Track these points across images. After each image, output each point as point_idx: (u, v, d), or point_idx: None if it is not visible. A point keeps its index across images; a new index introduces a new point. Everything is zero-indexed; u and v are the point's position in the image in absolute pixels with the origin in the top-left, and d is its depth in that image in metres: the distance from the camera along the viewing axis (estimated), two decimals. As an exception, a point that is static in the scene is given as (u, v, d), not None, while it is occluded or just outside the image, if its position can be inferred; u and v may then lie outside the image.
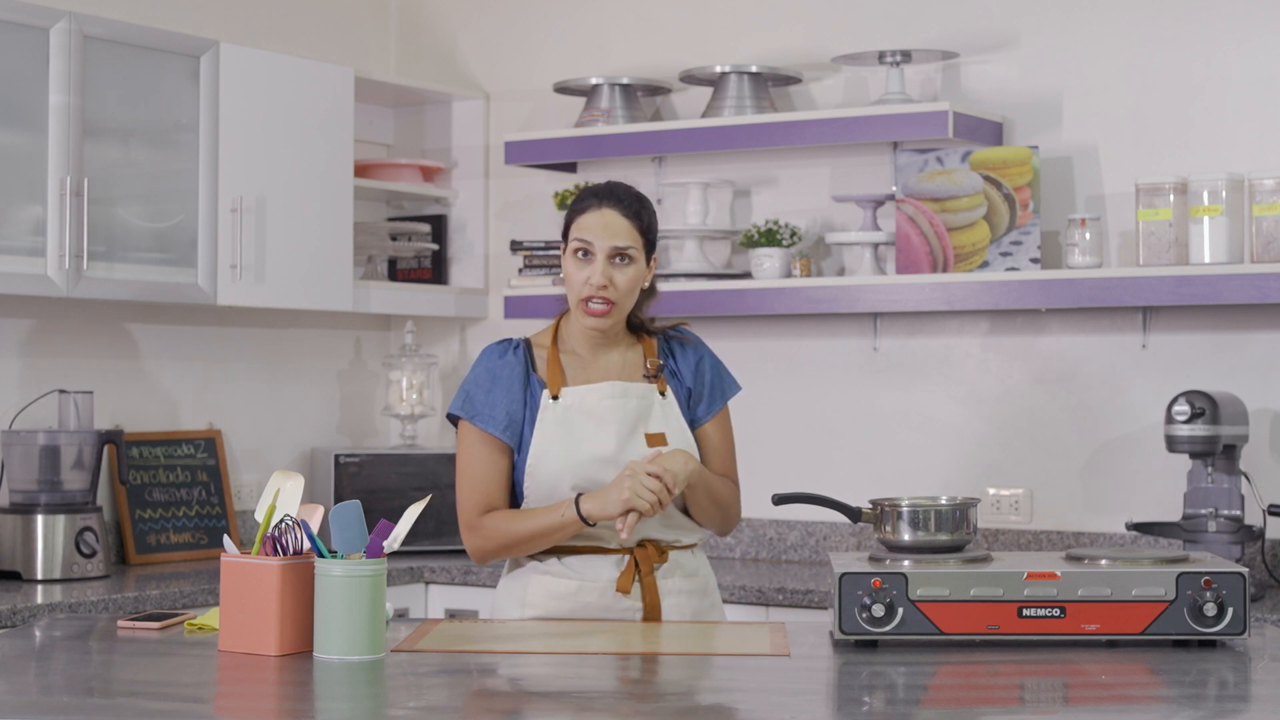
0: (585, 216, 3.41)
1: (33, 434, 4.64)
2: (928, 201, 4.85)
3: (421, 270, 5.73)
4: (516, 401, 3.43)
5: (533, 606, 3.42)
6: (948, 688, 2.83)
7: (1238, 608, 3.01)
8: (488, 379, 3.45)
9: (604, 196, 3.42)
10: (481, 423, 3.42)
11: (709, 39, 5.35)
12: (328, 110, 5.13)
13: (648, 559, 3.40)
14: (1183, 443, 4.36)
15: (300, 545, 2.96)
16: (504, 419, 3.42)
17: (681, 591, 3.44)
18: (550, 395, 3.42)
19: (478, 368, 3.48)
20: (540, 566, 3.43)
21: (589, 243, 3.38)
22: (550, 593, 3.41)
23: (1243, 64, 4.67)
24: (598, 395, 3.42)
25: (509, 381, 3.44)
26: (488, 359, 3.48)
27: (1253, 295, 4.41)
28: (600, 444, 3.39)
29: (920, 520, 3.22)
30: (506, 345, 3.49)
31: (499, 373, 3.45)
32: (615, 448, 3.39)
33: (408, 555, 5.14)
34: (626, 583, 3.38)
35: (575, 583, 3.40)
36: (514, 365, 3.45)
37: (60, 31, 4.46)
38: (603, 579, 3.40)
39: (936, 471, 5.00)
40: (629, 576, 3.38)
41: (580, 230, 3.40)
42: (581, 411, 3.41)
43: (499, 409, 3.42)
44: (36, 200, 4.43)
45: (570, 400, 3.42)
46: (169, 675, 2.88)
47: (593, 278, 3.38)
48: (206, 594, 4.45)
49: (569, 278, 3.42)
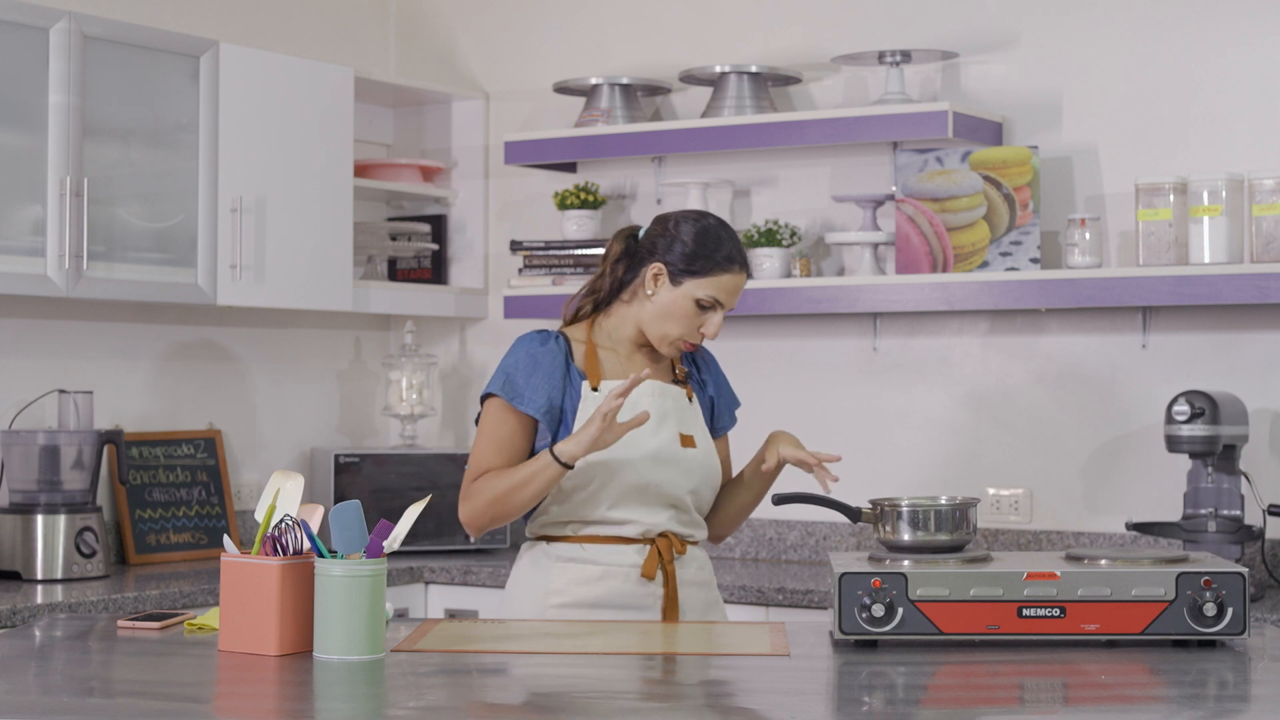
0: (727, 277, 3.49)
1: (33, 434, 4.64)
2: (928, 201, 4.85)
3: (421, 270, 5.73)
4: (557, 388, 3.49)
5: (558, 594, 3.48)
6: (948, 688, 2.83)
7: (1237, 608, 3.01)
8: (529, 363, 3.49)
9: (743, 263, 3.52)
10: (521, 404, 3.46)
11: (709, 39, 5.35)
12: (327, 110, 5.14)
13: (669, 548, 3.49)
14: (1183, 443, 4.36)
15: (300, 545, 2.96)
16: (544, 403, 3.47)
17: (694, 583, 3.54)
18: (591, 386, 3.49)
19: (517, 353, 3.52)
20: (565, 554, 3.49)
21: (721, 303, 3.49)
22: (575, 579, 3.48)
23: (1243, 64, 4.67)
24: (638, 391, 3.49)
25: (550, 368, 3.49)
26: (528, 345, 3.52)
27: (1253, 295, 4.41)
28: (639, 437, 3.46)
29: (920, 520, 3.22)
30: (546, 334, 3.54)
31: (540, 359, 3.50)
32: (655, 442, 3.48)
33: (408, 555, 5.14)
34: (652, 569, 3.46)
35: (600, 569, 3.47)
36: (555, 353, 3.51)
37: (60, 31, 4.46)
38: (625, 565, 3.47)
39: (936, 471, 5.00)
40: (653, 562, 3.47)
41: (718, 289, 3.48)
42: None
43: (540, 393, 3.47)
44: (36, 200, 4.43)
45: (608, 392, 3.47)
46: (169, 675, 2.88)
47: (709, 330, 3.50)
48: (206, 594, 4.45)
49: (676, 313, 3.49)
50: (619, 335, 3.56)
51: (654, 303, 3.50)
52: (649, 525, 3.49)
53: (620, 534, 3.49)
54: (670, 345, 3.52)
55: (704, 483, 3.56)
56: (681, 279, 3.48)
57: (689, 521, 3.55)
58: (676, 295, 3.49)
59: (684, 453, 3.51)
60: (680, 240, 3.49)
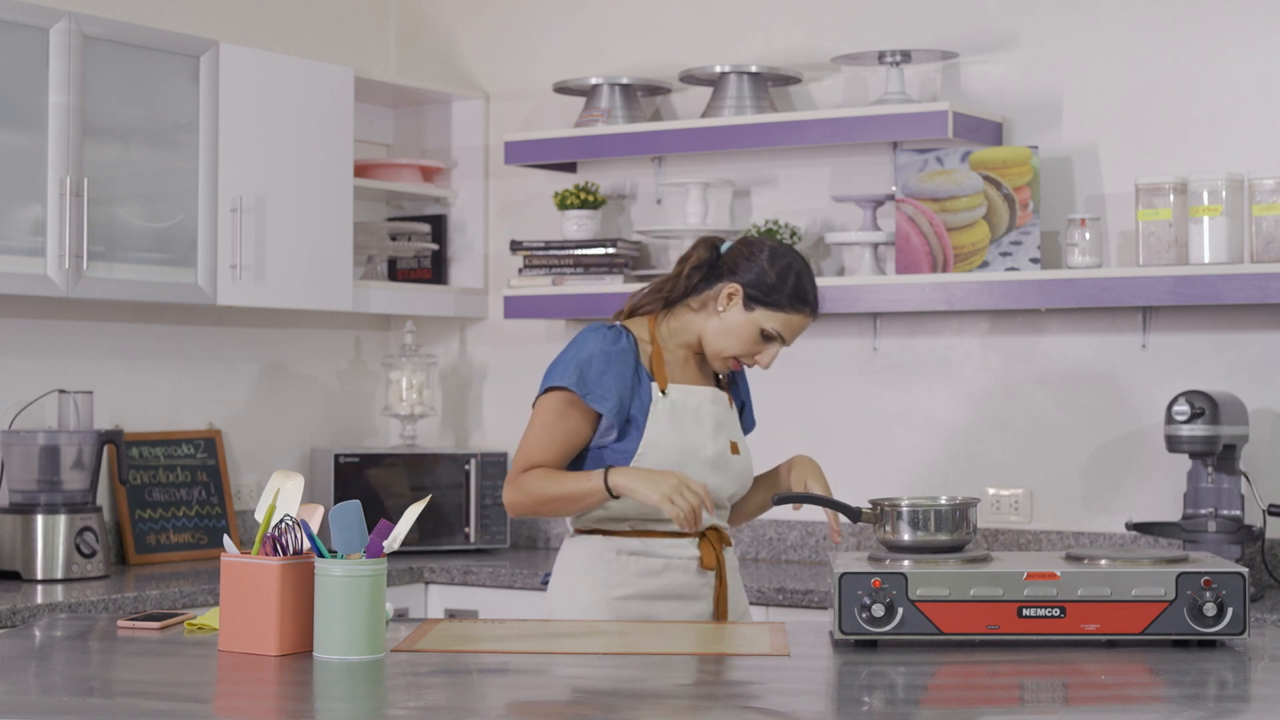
0: (797, 318, 3.60)
1: (33, 434, 4.64)
2: (928, 201, 4.85)
3: (421, 270, 5.73)
4: (628, 388, 3.54)
5: (622, 586, 3.57)
6: (948, 688, 2.83)
7: (1237, 608, 3.01)
8: (602, 360, 3.54)
9: (815, 307, 3.61)
10: (593, 401, 3.52)
11: (709, 39, 5.35)
12: (327, 110, 5.14)
13: (720, 541, 3.63)
14: (1183, 443, 4.36)
15: (300, 545, 2.96)
16: (615, 402, 3.53)
17: (733, 570, 3.68)
18: (659, 389, 3.56)
19: (590, 347, 3.55)
20: (628, 548, 3.58)
21: (784, 338, 3.58)
22: (640, 571, 3.57)
23: (1243, 64, 4.67)
24: (700, 398, 3.61)
25: (622, 367, 3.54)
26: (600, 341, 3.56)
27: (1253, 295, 4.41)
28: (701, 444, 3.58)
29: (920, 520, 3.22)
30: (617, 332, 3.59)
31: (613, 357, 3.55)
32: (713, 449, 3.59)
33: (408, 555, 5.14)
34: (711, 559, 3.59)
35: (663, 561, 3.57)
36: (627, 352, 3.56)
37: (60, 31, 4.46)
38: (684, 557, 3.58)
39: (936, 471, 5.00)
40: (711, 555, 3.59)
41: (785, 325, 3.58)
42: (685, 410, 3.58)
43: (611, 391, 3.53)
44: (36, 200, 4.43)
45: (675, 397, 3.58)
46: (169, 675, 2.88)
47: (764, 359, 3.59)
48: (206, 594, 4.45)
49: (741, 338, 3.57)
50: (678, 339, 3.63)
51: (721, 319, 3.58)
52: (703, 524, 3.59)
53: (676, 529, 3.57)
54: (723, 362, 3.61)
55: (742, 487, 3.69)
56: (754, 305, 3.56)
57: (725, 517, 3.70)
58: (745, 319, 3.57)
59: (733, 459, 3.64)
60: (763, 269, 3.57)
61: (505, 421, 5.65)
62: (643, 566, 3.56)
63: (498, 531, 5.34)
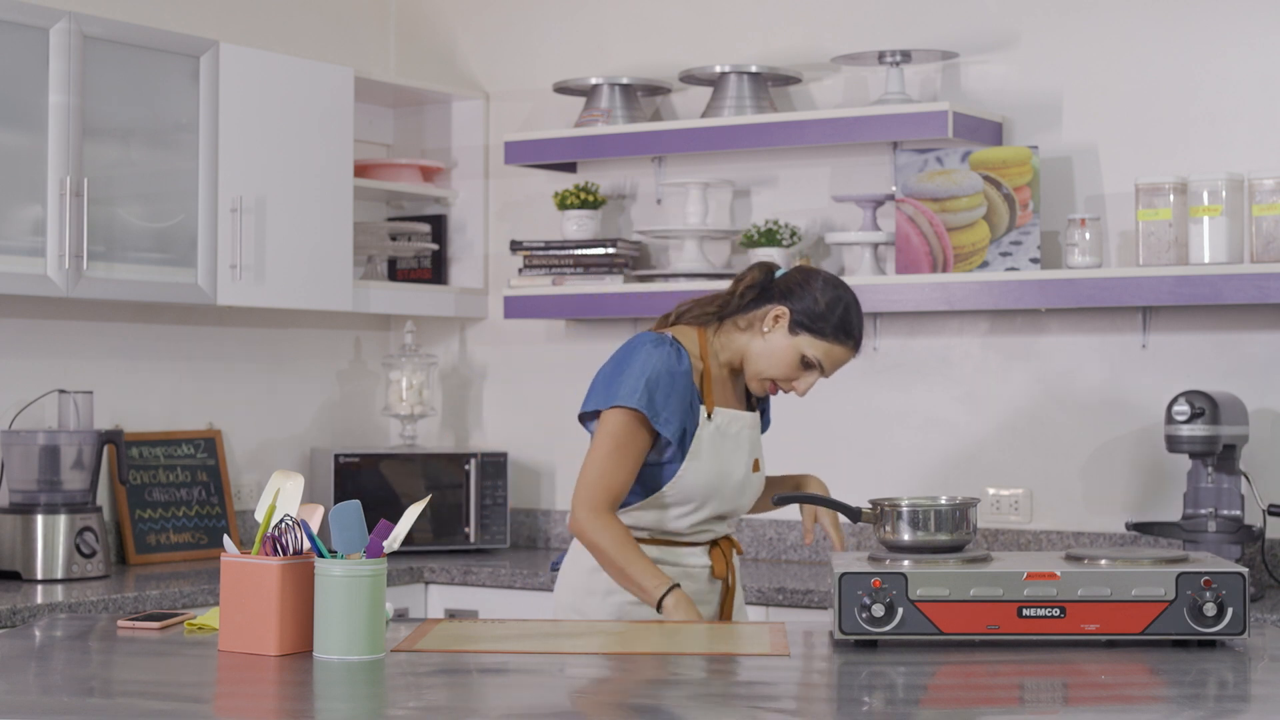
0: (840, 349, 3.60)
1: (33, 434, 4.64)
2: (927, 201, 4.85)
3: (421, 270, 5.73)
4: (688, 412, 3.57)
5: None
6: (948, 688, 2.83)
7: (1237, 608, 3.01)
8: (669, 382, 3.55)
9: (858, 342, 3.62)
10: (660, 425, 3.53)
11: (709, 39, 5.35)
12: (327, 110, 5.14)
13: (731, 549, 3.69)
14: (1183, 443, 4.36)
15: (300, 545, 2.96)
16: (678, 426, 3.56)
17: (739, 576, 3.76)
18: (707, 414, 3.59)
19: (656, 365, 3.54)
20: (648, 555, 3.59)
21: (825, 369, 3.60)
22: None
23: (1243, 64, 4.67)
24: (741, 423, 3.66)
25: (684, 391, 3.57)
26: (666, 360, 3.55)
27: (1253, 295, 4.41)
28: (737, 468, 3.63)
29: (920, 520, 3.22)
30: (678, 350, 3.58)
31: (677, 380, 3.56)
32: (744, 473, 3.64)
33: (408, 555, 5.14)
34: (723, 569, 3.64)
35: (680, 569, 3.61)
36: (688, 376, 3.57)
37: (60, 31, 4.46)
38: (698, 566, 3.64)
39: (936, 471, 5.00)
40: (723, 564, 3.64)
41: (827, 355, 3.58)
42: (727, 435, 3.62)
43: (675, 416, 3.55)
44: (36, 200, 4.43)
45: (720, 422, 3.62)
46: (169, 675, 2.88)
47: (801, 387, 3.61)
48: (206, 594, 4.45)
49: (782, 362, 3.58)
50: (722, 356, 3.65)
51: (765, 341, 3.59)
52: (716, 533, 3.68)
53: (693, 539, 3.64)
54: (759, 384, 3.63)
55: (755, 498, 3.75)
56: (799, 331, 3.57)
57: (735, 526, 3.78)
58: (788, 344, 3.58)
59: (753, 478, 3.69)
60: (814, 298, 3.57)
61: (505, 421, 5.65)
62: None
63: (498, 531, 5.34)
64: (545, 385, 5.57)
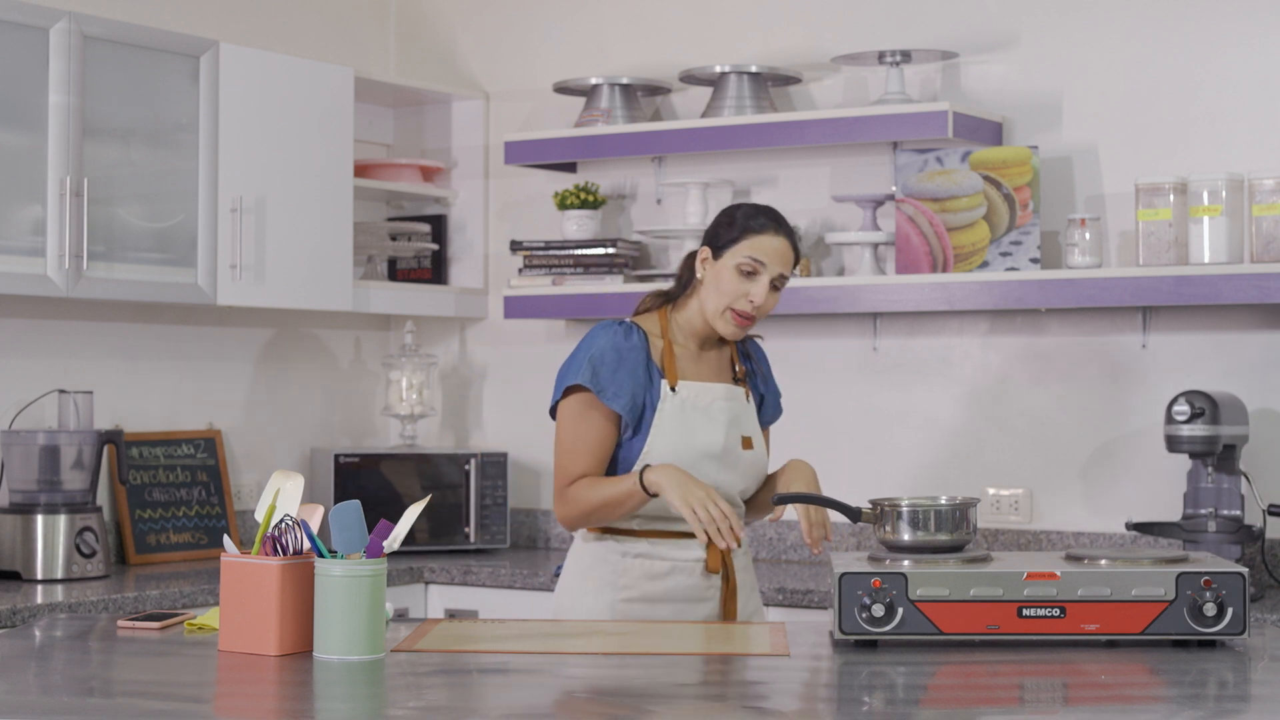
0: (763, 239, 3.56)
1: (33, 434, 4.64)
2: (927, 201, 4.85)
3: (421, 270, 5.73)
4: (640, 385, 3.56)
5: (628, 589, 3.57)
6: (948, 688, 2.83)
7: (1237, 608, 3.01)
8: (614, 357, 3.56)
9: (780, 224, 3.59)
10: (608, 399, 3.53)
11: (709, 39, 5.35)
12: (327, 110, 5.14)
13: None
14: (1183, 443, 4.36)
15: (300, 545, 2.96)
16: (628, 399, 3.54)
17: (743, 569, 3.67)
18: (669, 386, 3.56)
19: (601, 344, 3.57)
20: (634, 550, 3.58)
21: (762, 264, 3.55)
22: (646, 574, 3.57)
23: (1243, 64, 4.67)
24: (711, 394, 3.61)
25: (634, 364, 3.56)
26: (612, 337, 3.58)
27: (1253, 295, 4.41)
28: (711, 441, 3.57)
29: (920, 520, 3.22)
30: (629, 328, 3.60)
31: (625, 354, 3.56)
32: (722, 446, 3.58)
33: (408, 555, 5.14)
34: (717, 563, 3.57)
35: (669, 564, 3.57)
36: (638, 349, 3.57)
37: (60, 31, 4.46)
38: (690, 560, 3.57)
39: (936, 471, 5.00)
40: (718, 558, 3.57)
41: (757, 250, 3.55)
42: (696, 407, 3.58)
43: (624, 388, 3.54)
44: (36, 200, 4.43)
45: (685, 394, 3.58)
46: (169, 675, 2.88)
47: (755, 296, 3.55)
48: (206, 594, 4.45)
49: (723, 286, 3.56)
50: (688, 329, 3.63)
51: (705, 283, 3.60)
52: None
53: (684, 529, 3.56)
54: (723, 320, 3.58)
55: (755, 481, 3.68)
56: (720, 253, 3.58)
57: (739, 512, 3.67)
58: (719, 268, 3.58)
59: (744, 454, 3.63)
60: (716, 221, 3.62)
61: (505, 421, 5.65)
62: (647, 569, 3.56)
63: (498, 531, 5.34)
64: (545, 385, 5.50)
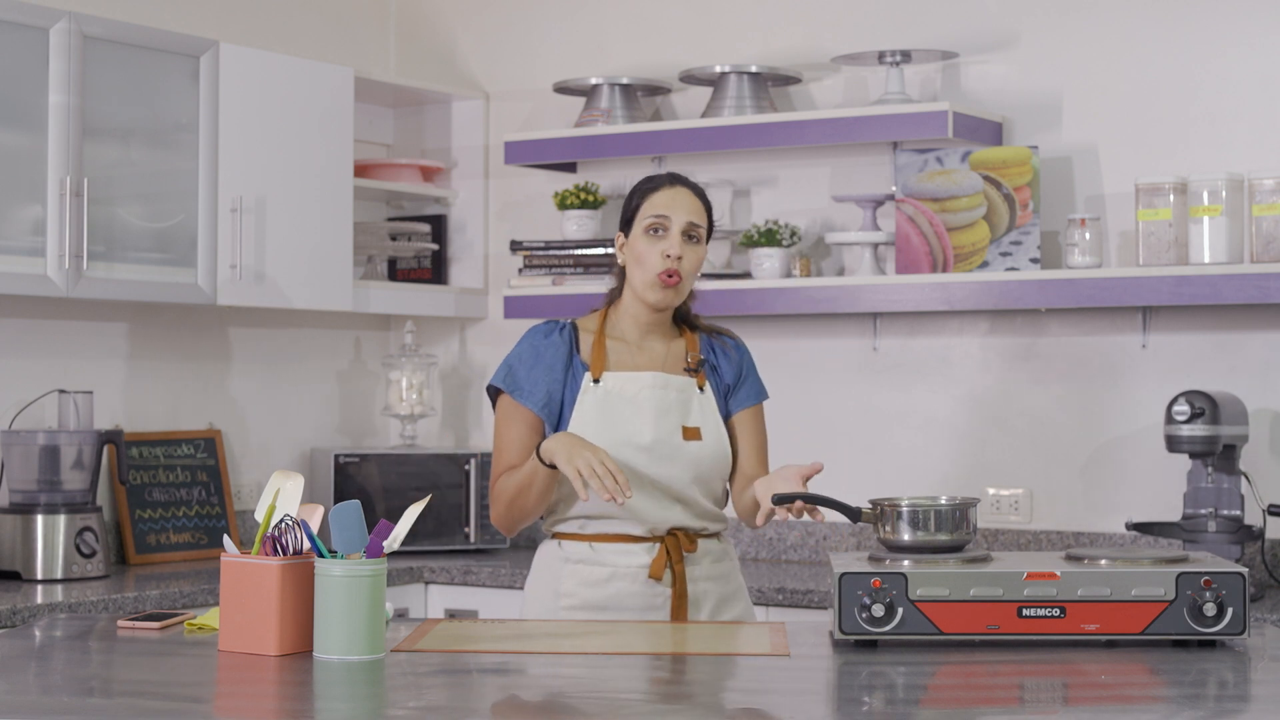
0: (658, 195, 3.53)
1: (33, 434, 4.64)
2: (927, 201, 4.85)
3: (421, 270, 5.73)
4: (557, 381, 3.51)
5: (568, 596, 3.50)
6: (948, 688, 2.83)
7: (1237, 608, 3.01)
8: (531, 355, 3.53)
9: (674, 179, 3.56)
10: (520, 397, 3.50)
11: (709, 39, 5.35)
12: (327, 110, 5.14)
13: (678, 547, 3.50)
14: (1183, 443, 4.36)
15: (300, 545, 2.96)
16: (543, 396, 3.50)
17: (709, 578, 3.54)
18: (591, 378, 3.51)
19: (522, 344, 3.56)
20: (573, 556, 3.51)
21: (665, 218, 3.51)
22: (584, 580, 3.50)
23: (1243, 64, 4.67)
24: (638, 384, 3.51)
25: (551, 360, 3.52)
26: (532, 336, 3.56)
27: (1253, 295, 4.41)
28: (637, 431, 3.48)
29: (920, 520, 3.22)
30: (552, 325, 3.57)
31: (542, 351, 3.53)
32: (651, 436, 3.48)
33: (408, 555, 5.14)
34: (659, 569, 3.47)
35: (608, 570, 3.49)
36: (558, 345, 3.54)
37: (60, 31, 4.46)
38: (634, 566, 3.48)
39: (936, 471, 5.00)
40: (661, 563, 3.47)
41: (654, 208, 3.52)
42: (621, 398, 3.50)
43: (539, 386, 3.50)
44: (36, 200, 4.43)
45: (610, 385, 3.51)
46: (169, 675, 2.88)
47: (670, 249, 3.49)
48: (206, 594, 4.45)
49: (640, 255, 3.51)
50: (629, 319, 3.57)
51: (629, 265, 3.55)
52: (656, 522, 3.49)
53: (628, 532, 3.49)
54: (653, 290, 3.50)
55: (711, 473, 3.54)
56: (629, 225, 3.55)
57: (701, 514, 3.54)
58: (632, 242, 3.54)
59: (685, 446, 3.51)
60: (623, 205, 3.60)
61: (505, 421, 5.64)
62: (587, 575, 3.49)
63: (498, 531, 5.33)
64: (545, 385, 5.56)
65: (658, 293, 3.50)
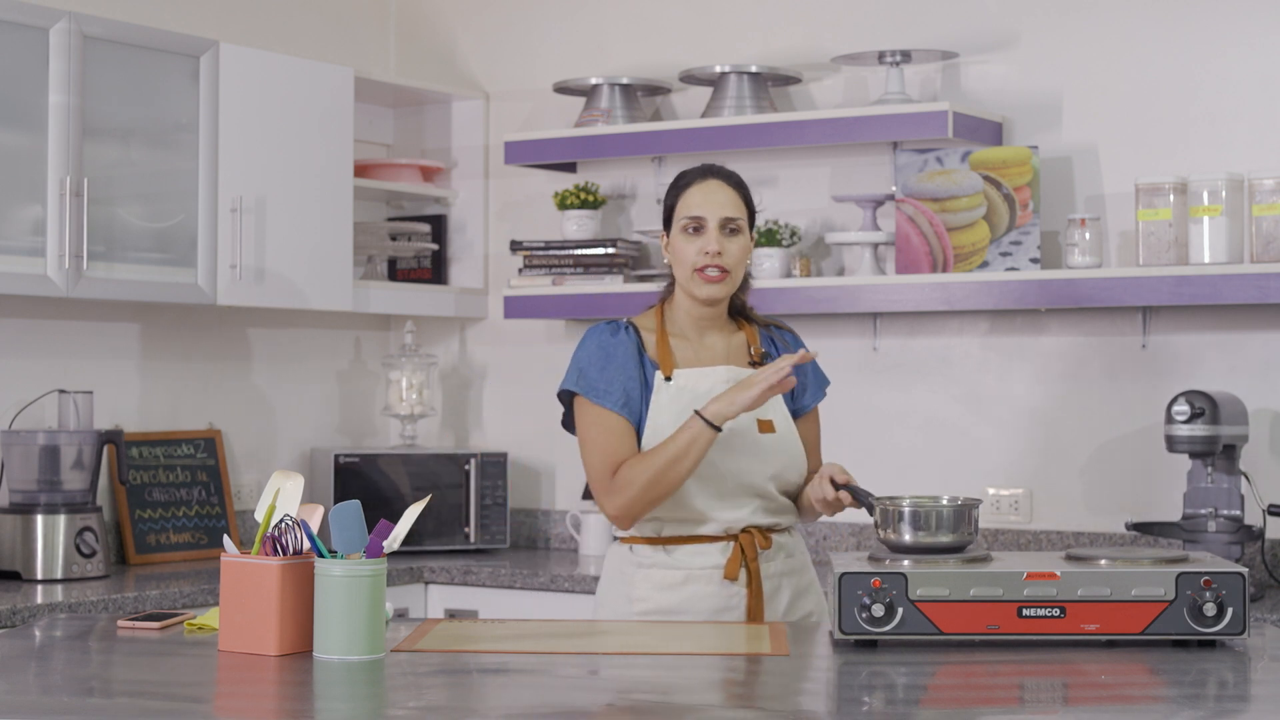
0: (691, 193, 3.51)
1: (33, 434, 4.64)
2: (927, 201, 4.85)
3: (421, 270, 5.73)
4: (633, 379, 3.48)
5: (641, 601, 3.48)
6: (947, 688, 2.83)
7: (1237, 608, 3.01)
8: (601, 356, 3.49)
9: (707, 173, 3.54)
10: (598, 398, 3.46)
11: (709, 39, 5.35)
12: (327, 110, 5.14)
13: (752, 545, 3.49)
14: (1183, 443, 4.36)
15: (300, 545, 2.96)
16: (621, 395, 3.47)
17: (781, 574, 3.54)
18: (663, 376, 3.49)
19: (588, 345, 3.51)
20: (647, 560, 3.49)
21: (700, 217, 3.49)
22: (658, 584, 3.48)
23: (1243, 64, 4.67)
24: (711, 379, 3.50)
25: (623, 360, 3.49)
26: (598, 336, 3.52)
27: (1253, 295, 4.41)
28: None
29: (922, 521, 3.22)
30: (616, 325, 3.54)
31: (612, 351, 3.50)
32: (729, 430, 3.43)
33: (408, 555, 5.14)
34: (734, 570, 3.46)
35: (683, 573, 3.47)
36: (626, 344, 3.51)
37: (60, 31, 4.46)
38: (708, 567, 3.47)
39: (936, 471, 5.00)
40: (736, 563, 3.46)
41: (688, 208, 3.50)
42: (696, 394, 3.47)
43: (615, 385, 3.47)
44: (36, 200, 4.43)
45: (683, 382, 3.49)
46: (169, 675, 2.88)
47: (708, 245, 3.47)
48: (206, 594, 4.45)
49: (679, 255, 3.50)
50: (684, 316, 3.55)
51: (673, 263, 3.54)
52: (730, 521, 3.48)
53: (702, 532, 3.47)
54: (697, 284, 3.49)
55: (787, 467, 3.54)
56: (669, 228, 3.54)
57: (775, 509, 3.54)
58: (673, 241, 3.53)
59: (762, 438, 3.51)
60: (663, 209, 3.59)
61: (505, 421, 5.65)
62: (661, 579, 3.48)
63: (498, 531, 5.34)
64: (545, 386, 5.52)
65: (703, 289, 3.49)
